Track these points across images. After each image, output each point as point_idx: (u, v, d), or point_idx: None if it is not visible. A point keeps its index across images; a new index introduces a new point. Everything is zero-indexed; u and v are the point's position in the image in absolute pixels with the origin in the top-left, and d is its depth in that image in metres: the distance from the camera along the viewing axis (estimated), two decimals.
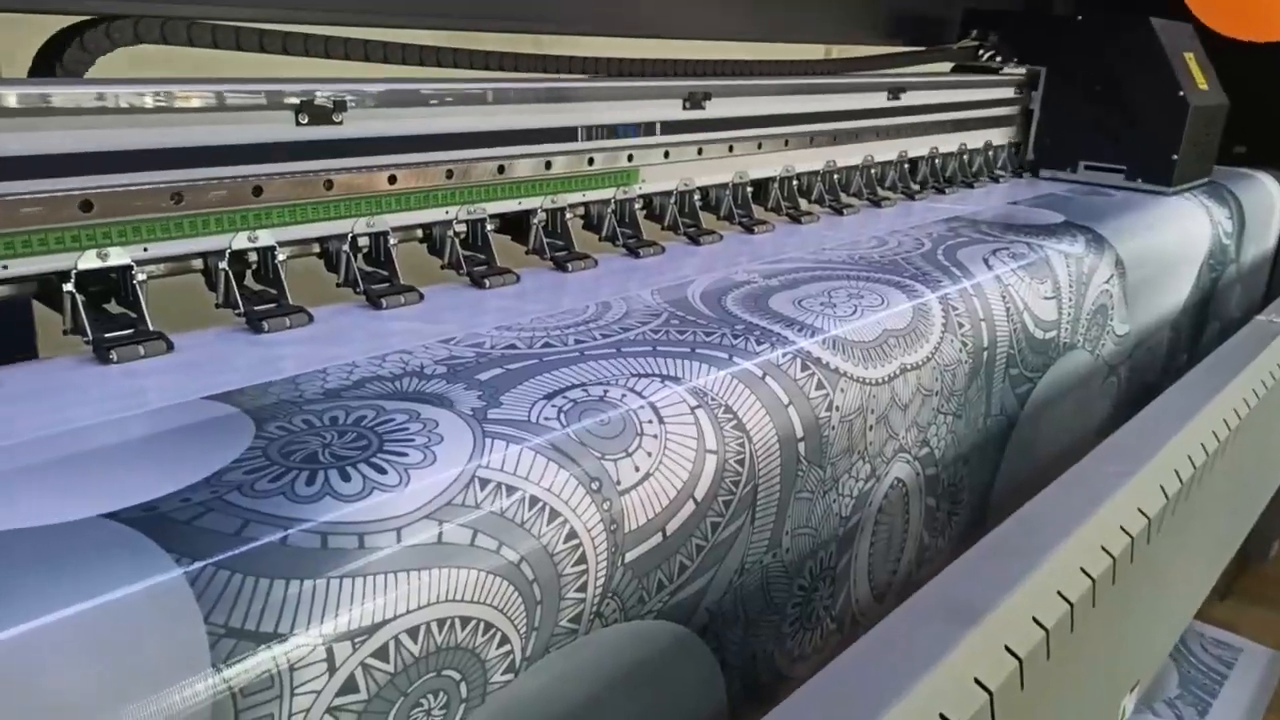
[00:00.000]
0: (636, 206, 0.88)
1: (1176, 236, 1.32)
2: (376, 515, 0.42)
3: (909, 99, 1.21)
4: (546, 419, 0.52)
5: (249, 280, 0.65)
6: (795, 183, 1.08)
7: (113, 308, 0.58)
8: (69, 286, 0.54)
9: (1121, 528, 0.67)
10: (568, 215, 0.81)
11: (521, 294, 0.73)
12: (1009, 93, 1.42)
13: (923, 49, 1.38)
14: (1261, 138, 1.84)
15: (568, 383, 0.56)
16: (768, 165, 1.04)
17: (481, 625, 0.45)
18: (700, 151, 0.93)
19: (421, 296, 0.69)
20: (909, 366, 0.77)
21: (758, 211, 1.03)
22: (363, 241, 0.69)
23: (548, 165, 0.78)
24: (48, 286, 0.55)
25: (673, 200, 0.92)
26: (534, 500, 0.47)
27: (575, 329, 0.65)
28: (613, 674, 0.54)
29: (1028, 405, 0.98)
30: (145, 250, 0.58)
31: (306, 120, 0.64)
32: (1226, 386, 0.93)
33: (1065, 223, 1.15)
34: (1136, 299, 1.18)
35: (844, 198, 1.15)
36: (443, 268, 0.75)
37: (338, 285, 0.69)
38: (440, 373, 0.55)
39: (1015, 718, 0.51)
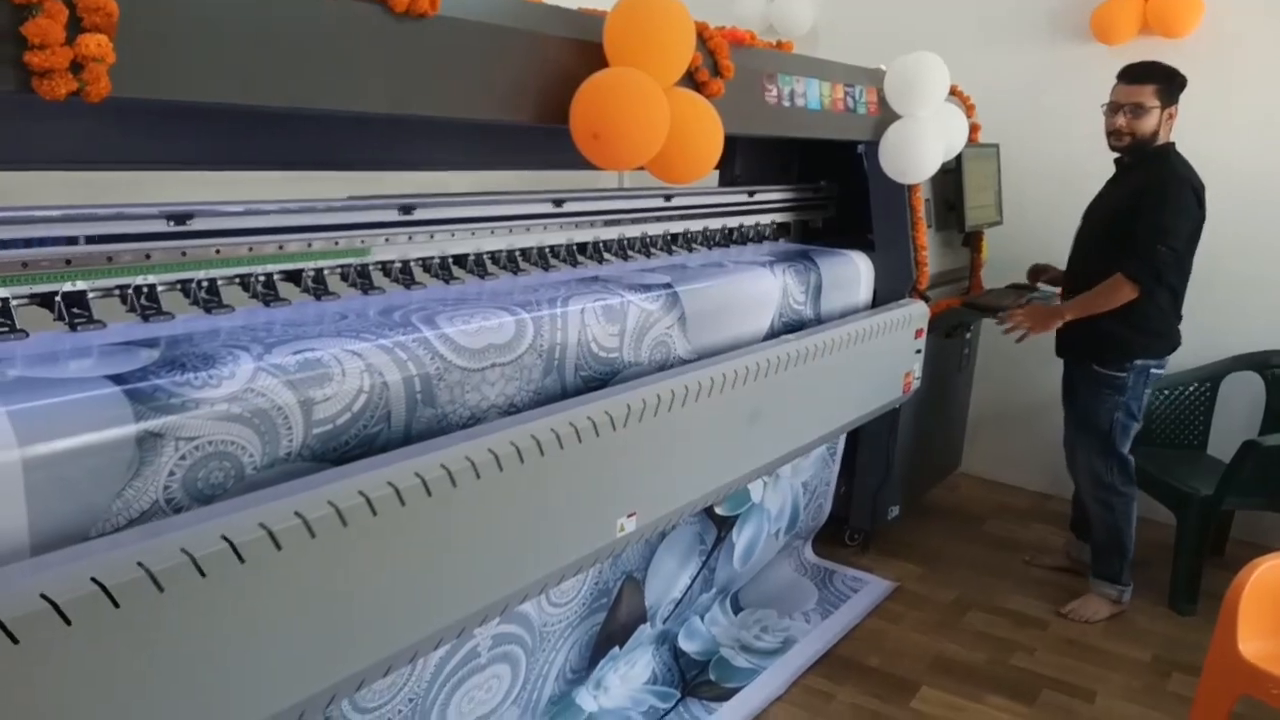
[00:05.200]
0: (371, 268, 1.62)
1: (743, 297, 2.13)
2: (217, 393, 1.12)
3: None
4: (281, 364, 1.23)
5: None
6: (486, 256, 1.83)
7: None
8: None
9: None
10: (325, 272, 1.54)
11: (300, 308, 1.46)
12: None
13: None
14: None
15: (305, 347, 1.27)
16: (464, 246, 1.78)
17: (240, 444, 1.15)
18: (410, 238, 1.67)
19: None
20: (499, 363, 1.52)
21: (457, 271, 1.77)
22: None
23: (309, 245, 1.51)
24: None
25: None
26: (269, 399, 1.19)
27: (318, 324, 1.37)
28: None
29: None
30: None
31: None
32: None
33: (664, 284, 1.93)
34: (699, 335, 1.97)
35: (522, 263, 1.91)
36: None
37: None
38: (244, 340, 1.26)
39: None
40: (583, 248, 2.06)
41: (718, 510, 2.27)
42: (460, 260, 1.79)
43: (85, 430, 1.00)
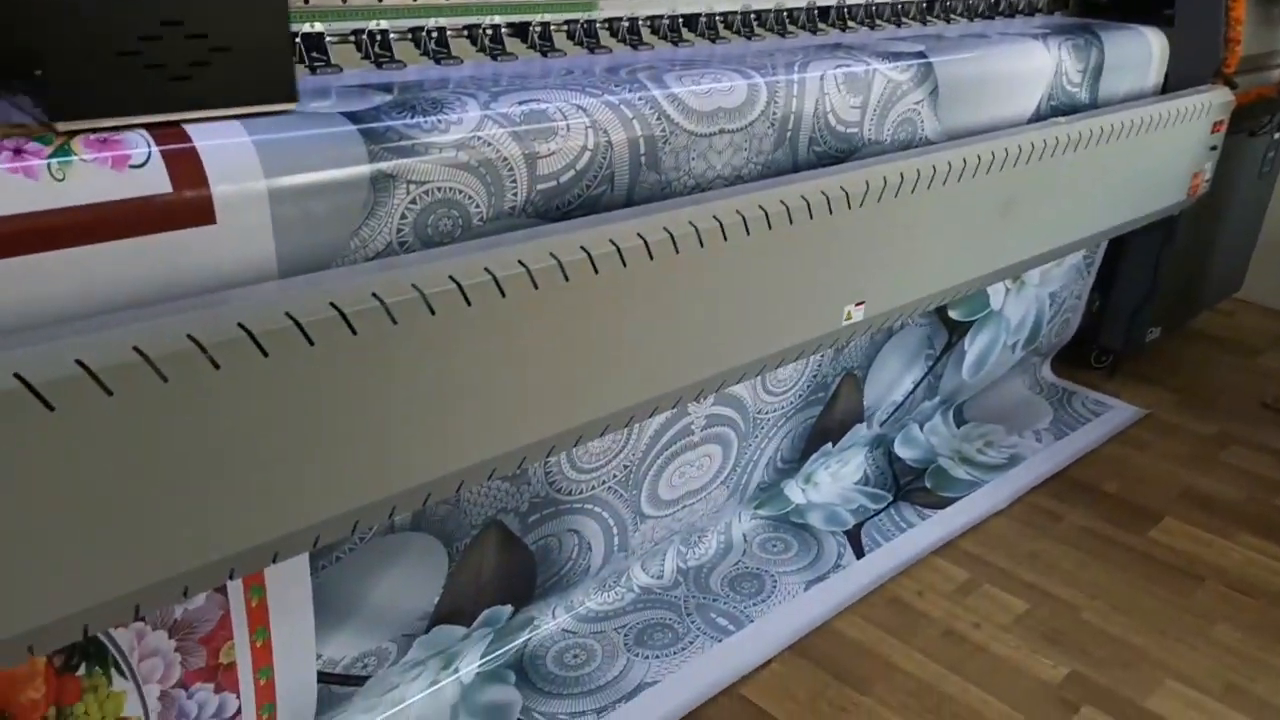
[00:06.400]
0: (598, 25, 1.53)
1: (1008, 72, 1.86)
2: (445, 138, 1.11)
3: None
4: (507, 114, 1.20)
5: None
6: (718, 17, 1.69)
7: None
8: None
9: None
10: (552, 28, 1.47)
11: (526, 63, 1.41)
12: None
13: None
14: None
15: (531, 98, 1.23)
16: (695, 5, 1.65)
17: (467, 193, 1.14)
18: None
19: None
20: (728, 129, 1.41)
21: (686, 33, 1.65)
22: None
23: None
24: None
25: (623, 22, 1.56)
26: (495, 150, 1.16)
27: (544, 78, 1.32)
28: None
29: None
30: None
31: None
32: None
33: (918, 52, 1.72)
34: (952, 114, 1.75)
35: (756, 28, 1.75)
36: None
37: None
38: (471, 89, 1.24)
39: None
40: (824, 13, 1.86)
41: (951, 313, 2.12)
42: (690, 22, 1.66)
43: (325, 166, 1.01)
